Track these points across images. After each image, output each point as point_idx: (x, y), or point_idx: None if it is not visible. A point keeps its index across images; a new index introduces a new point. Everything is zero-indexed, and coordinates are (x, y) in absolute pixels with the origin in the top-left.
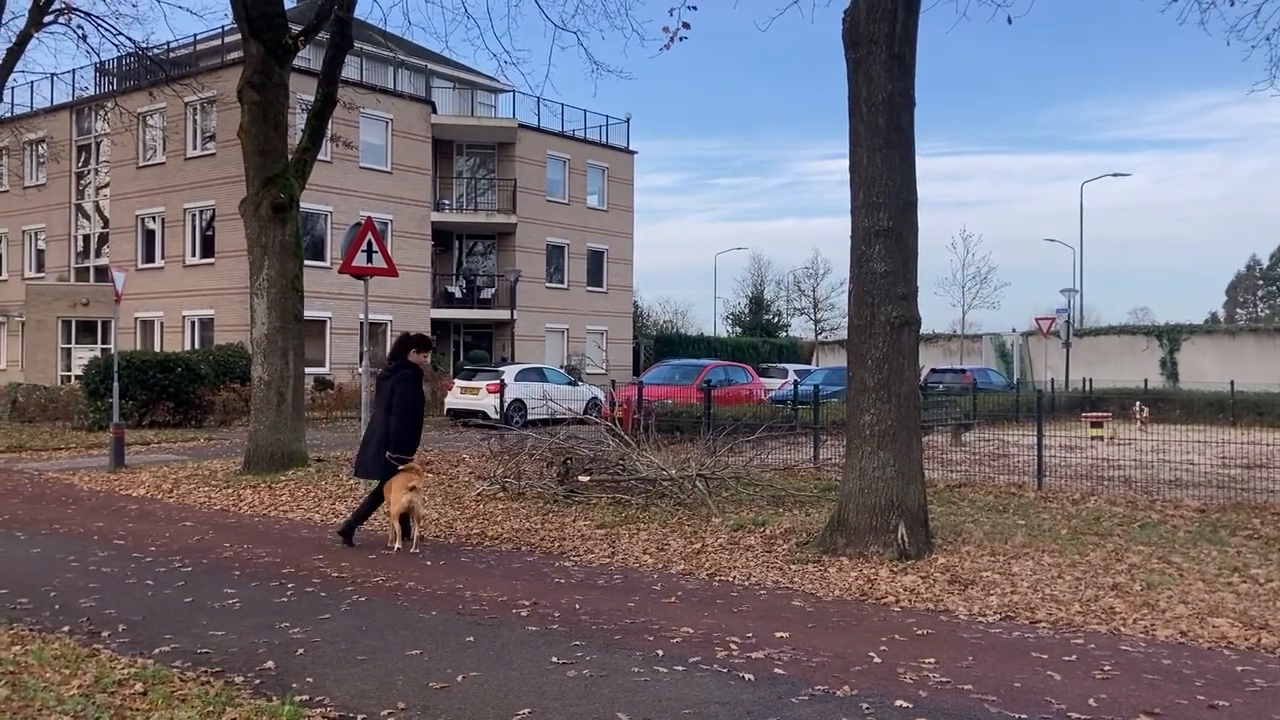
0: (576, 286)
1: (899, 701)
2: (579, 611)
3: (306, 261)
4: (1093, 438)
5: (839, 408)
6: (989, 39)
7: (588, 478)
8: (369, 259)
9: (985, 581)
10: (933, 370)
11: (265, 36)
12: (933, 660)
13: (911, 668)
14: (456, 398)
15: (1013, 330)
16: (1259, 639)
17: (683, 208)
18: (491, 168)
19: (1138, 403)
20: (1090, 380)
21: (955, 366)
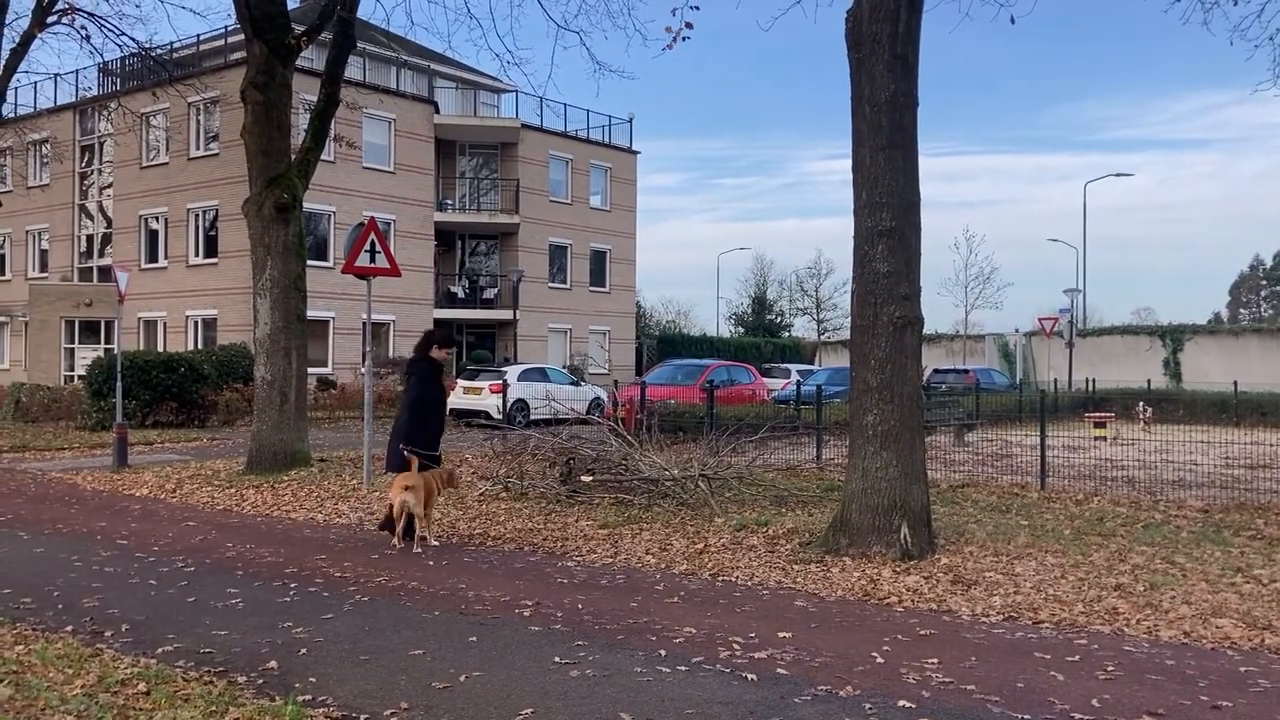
0: (579, 286)
1: (902, 702)
2: (582, 611)
3: (309, 261)
4: (1096, 438)
5: (842, 408)
6: (992, 39)
7: (590, 478)
8: (372, 259)
9: (988, 582)
10: (936, 370)
11: (268, 37)
12: (936, 660)
13: (914, 668)
14: (459, 398)
15: (1016, 330)
16: (1263, 639)
17: (685, 208)
18: (494, 168)
19: (1141, 403)
20: (1093, 380)
21: (958, 367)
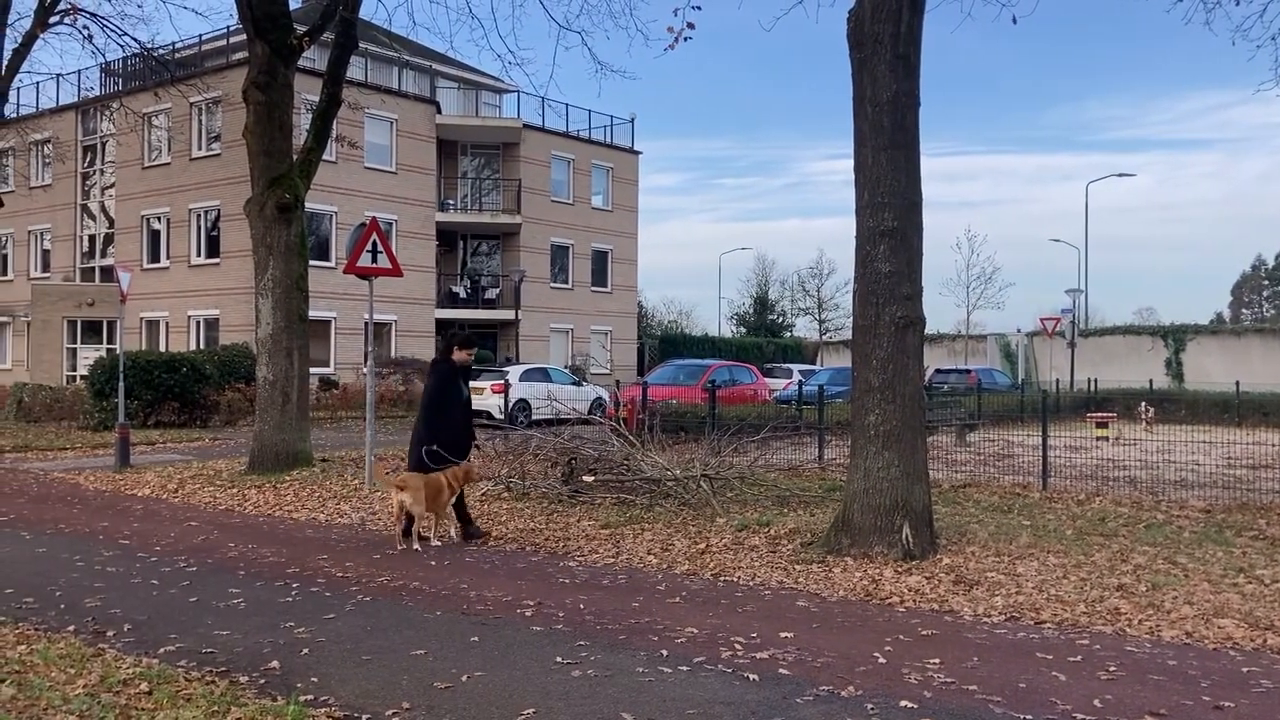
0: (581, 287)
1: (904, 702)
2: (583, 611)
3: (311, 261)
4: (1098, 438)
5: (844, 408)
6: (994, 39)
7: (592, 478)
8: (374, 259)
9: (990, 582)
10: (937, 370)
11: (270, 37)
12: (937, 661)
13: (916, 668)
14: None
15: (1017, 330)
16: (1265, 640)
17: (687, 208)
18: (496, 168)
19: (1143, 403)
20: (1095, 381)
21: (960, 367)
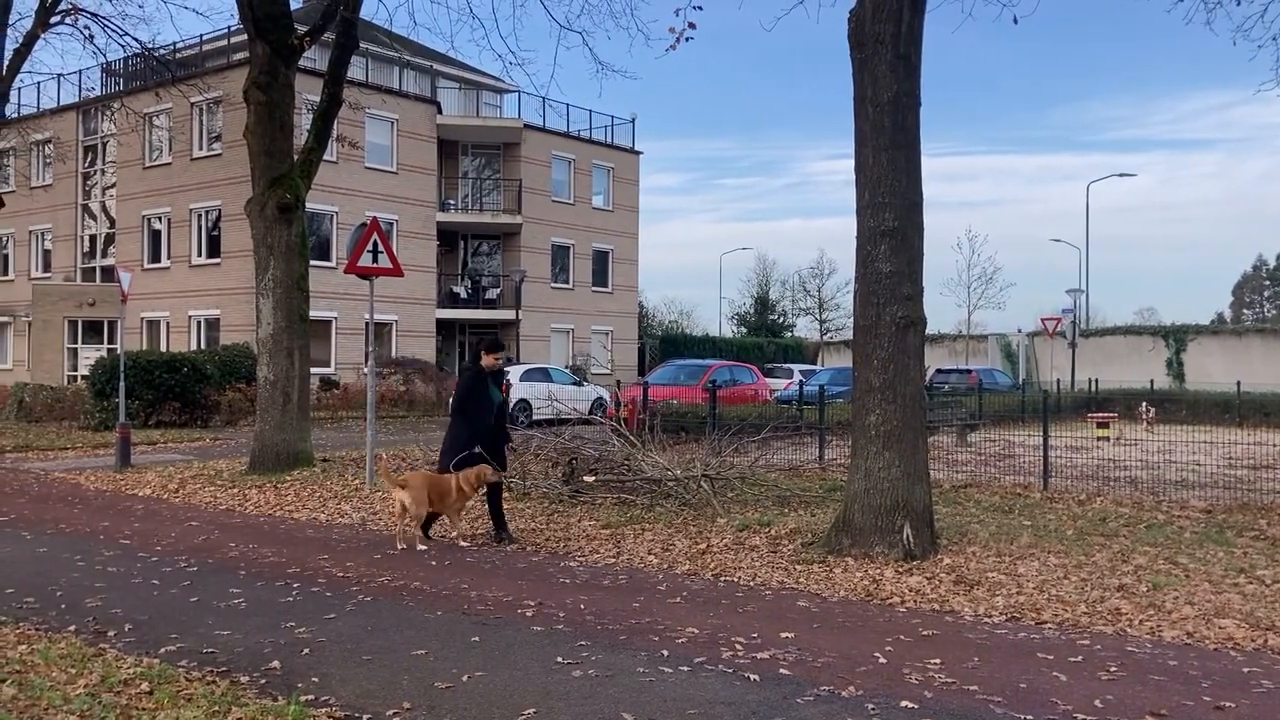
0: (581, 287)
1: (904, 702)
2: (584, 611)
3: (312, 261)
4: (1098, 438)
5: (844, 408)
6: (995, 39)
7: (593, 478)
8: (374, 259)
9: (991, 582)
10: (938, 371)
11: (271, 37)
12: (938, 661)
13: (917, 668)
14: None
15: (1018, 331)
16: (1265, 640)
17: (688, 208)
18: (497, 168)
19: (1144, 403)
20: (1096, 381)
21: (961, 367)
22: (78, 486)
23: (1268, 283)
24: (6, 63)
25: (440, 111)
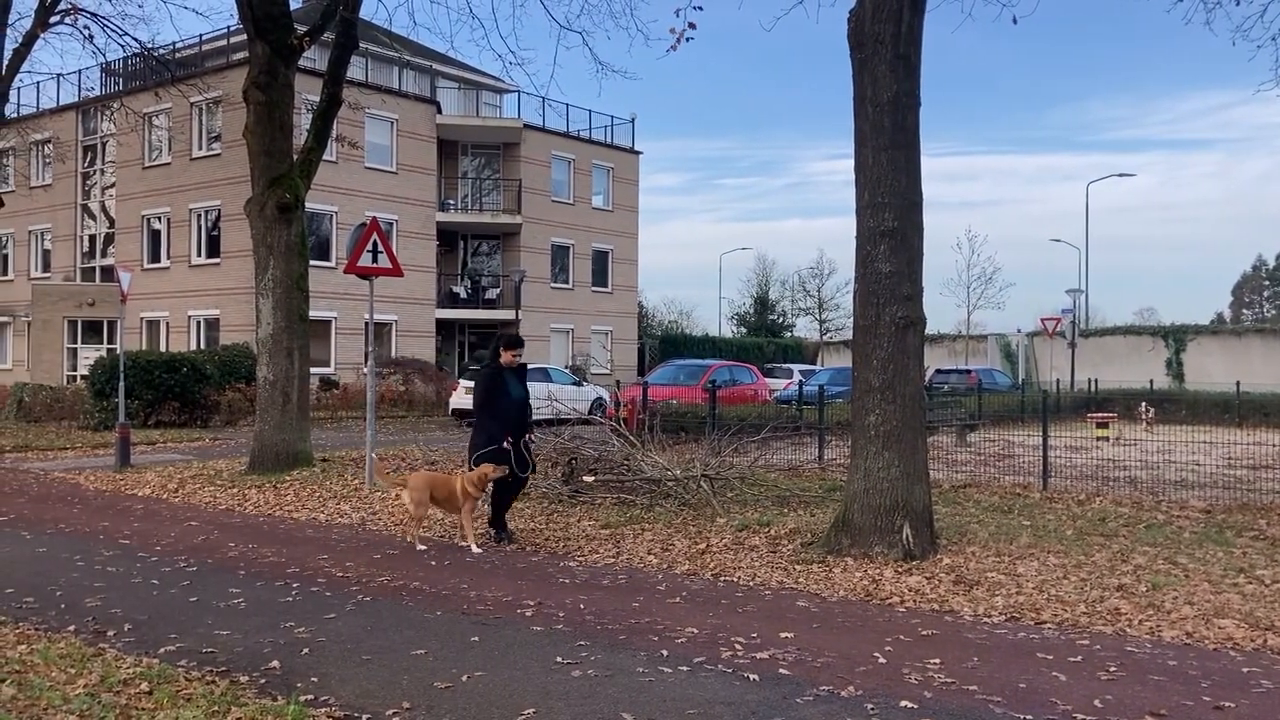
0: (581, 287)
1: (904, 702)
2: (584, 611)
3: (312, 261)
4: (1098, 438)
5: (844, 408)
6: (994, 39)
7: (592, 478)
8: (374, 259)
9: (990, 582)
10: (938, 371)
11: (270, 37)
12: (938, 661)
13: (916, 668)
14: (462, 398)
15: (1018, 331)
16: (1265, 640)
17: (688, 208)
18: (496, 168)
19: (1143, 403)
20: (1095, 381)
21: (960, 367)
22: (77, 486)
23: (1267, 283)
24: (6, 62)
25: (440, 111)
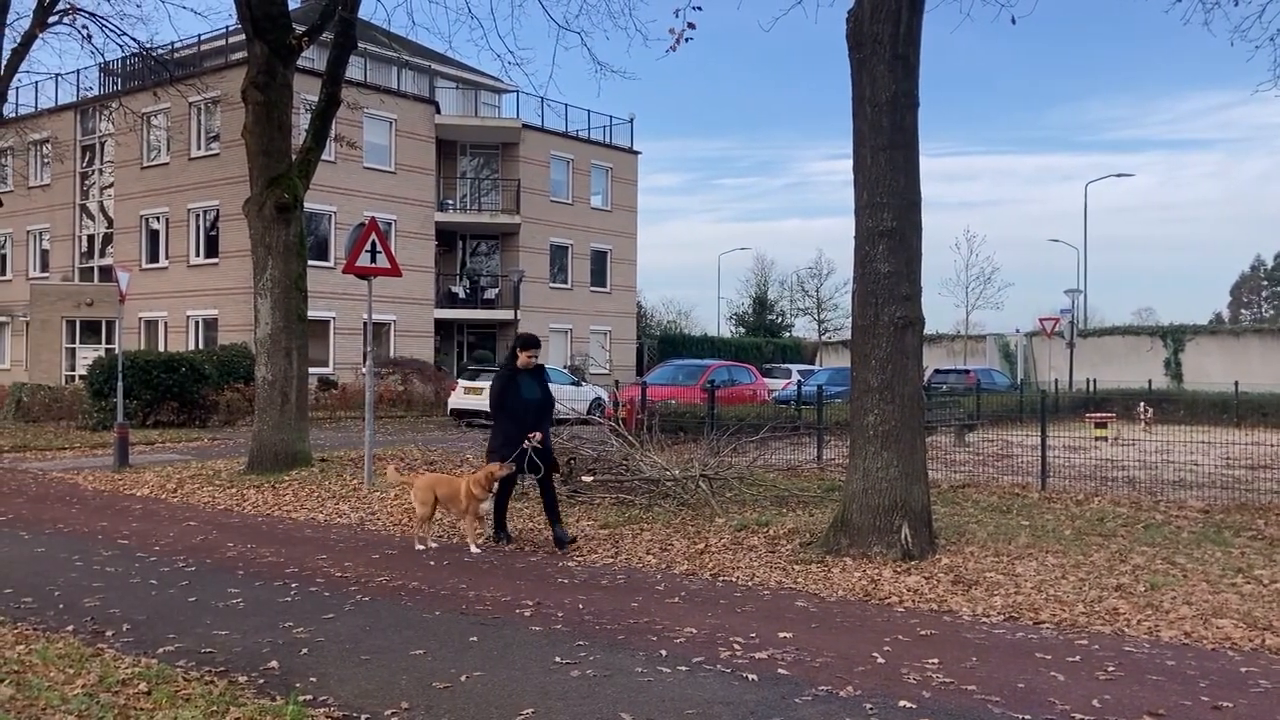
0: (580, 287)
1: (902, 702)
2: (582, 611)
3: (310, 261)
4: (1097, 438)
5: (843, 408)
6: (993, 39)
7: (591, 478)
8: (373, 259)
9: (989, 582)
10: (936, 371)
11: (269, 37)
12: (936, 661)
13: (915, 668)
14: (460, 398)
15: (1017, 331)
16: (1263, 640)
17: (687, 208)
18: (495, 168)
19: (1142, 403)
20: (1094, 381)
21: (959, 367)
22: (76, 486)
23: (1266, 283)
24: (4, 62)
25: (439, 111)
